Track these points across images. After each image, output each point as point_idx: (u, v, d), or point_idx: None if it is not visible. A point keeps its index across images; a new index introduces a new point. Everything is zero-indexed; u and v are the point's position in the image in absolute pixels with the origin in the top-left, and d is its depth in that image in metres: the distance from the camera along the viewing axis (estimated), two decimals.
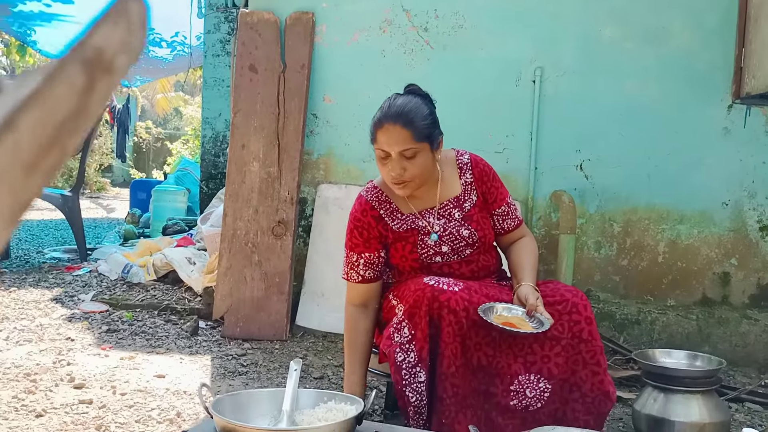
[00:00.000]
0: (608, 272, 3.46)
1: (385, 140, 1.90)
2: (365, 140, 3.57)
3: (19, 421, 2.14)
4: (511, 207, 2.14)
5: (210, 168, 5.90)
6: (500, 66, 3.44)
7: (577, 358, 1.86)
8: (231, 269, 3.41)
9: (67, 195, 5.14)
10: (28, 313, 3.55)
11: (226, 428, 1.35)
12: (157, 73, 10.48)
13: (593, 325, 1.88)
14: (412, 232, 2.02)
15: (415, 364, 1.80)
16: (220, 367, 2.84)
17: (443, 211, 2.05)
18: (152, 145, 20.35)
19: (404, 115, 1.90)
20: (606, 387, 1.87)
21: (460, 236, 2.01)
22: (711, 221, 3.40)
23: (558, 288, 1.97)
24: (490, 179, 2.11)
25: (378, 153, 1.93)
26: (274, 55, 3.52)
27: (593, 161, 3.42)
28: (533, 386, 1.84)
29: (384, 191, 2.07)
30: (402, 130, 1.89)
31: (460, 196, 2.07)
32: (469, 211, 2.06)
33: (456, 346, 1.79)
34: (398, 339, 1.84)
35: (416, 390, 1.79)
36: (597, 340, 1.88)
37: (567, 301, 1.89)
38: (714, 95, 3.36)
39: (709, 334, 3.33)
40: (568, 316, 1.87)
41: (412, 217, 2.04)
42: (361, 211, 2.05)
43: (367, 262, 2.03)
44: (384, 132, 1.90)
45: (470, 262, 2.04)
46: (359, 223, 2.04)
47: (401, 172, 1.91)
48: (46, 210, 9.53)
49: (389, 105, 1.95)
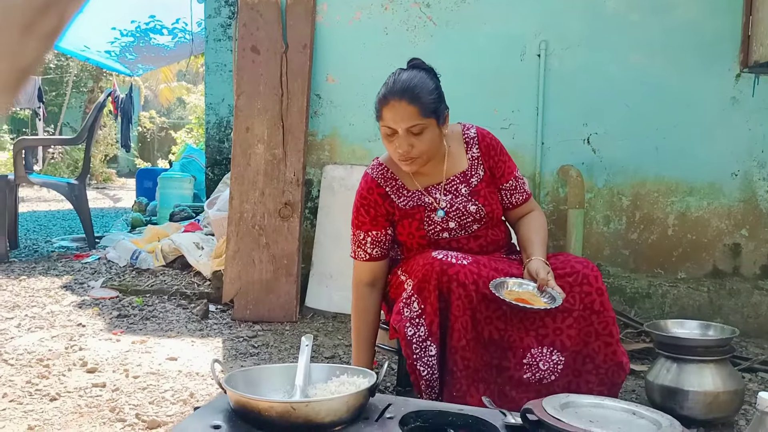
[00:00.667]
0: (618, 246, 3.44)
1: (391, 117, 1.88)
2: (370, 120, 3.55)
3: (33, 404, 2.15)
4: (519, 181, 2.11)
5: (215, 154, 5.88)
6: (504, 41, 3.41)
7: (590, 329, 1.85)
8: (239, 252, 3.41)
9: (74, 183, 5.14)
10: (39, 300, 3.57)
11: (240, 402, 1.34)
12: (159, 61, 10.44)
13: (605, 296, 1.87)
14: (418, 209, 2.01)
15: (425, 338, 1.80)
16: (231, 349, 2.85)
17: (450, 187, 2.03)
18: (156, 135, 20.37)
19: (410, 90, 1.88)
20: (619, 357, 1.86)
21: (467, 212, 2.00)
22: (720, 192, 3.37)
23: (568, 260, 1.95)
24: (497, 153, 2.09)
25: (384, 130, 1.91)
26: (276, 35, 3.50)
27: (600, 135, 3.39)
28: (546, 359, 1.83)
29: (390, 168, 2.06)
30: (408, 106, 1.86)
31: (466, 171, 2.05)
32: (476, 186, 2.04)
33: (466, 319, 1.78)
34: (408, 313, 1.83)
35: (427, 364, 1.79)
36: (609, 310, 1.87)
37: (578, 272, 1.88)
38: (721, 65, 3.31)
39: (721, 305, 3.31)
40: (579, 287, 1.86)
41: (418, 194, 2.02)
42: (367, 189, 2.04)
43: (374, 240, 2.02)
44: (390, 109, 1.87)
45: (478, 237, 2.03)
46: (365, 201, 2.03)
47: (408, 149, 1.89)
48: (53, 201, 9.57)
49: (394, 81, 1.92)
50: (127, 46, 8.95)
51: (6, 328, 3.02)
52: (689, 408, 2.09)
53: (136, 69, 10.78)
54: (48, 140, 10.40)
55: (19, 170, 4.83)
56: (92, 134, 5.21)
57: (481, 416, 1.46)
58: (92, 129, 5.18)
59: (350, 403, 1.36)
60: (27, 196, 10.20)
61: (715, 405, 2.09)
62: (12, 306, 3.43)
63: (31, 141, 8.25)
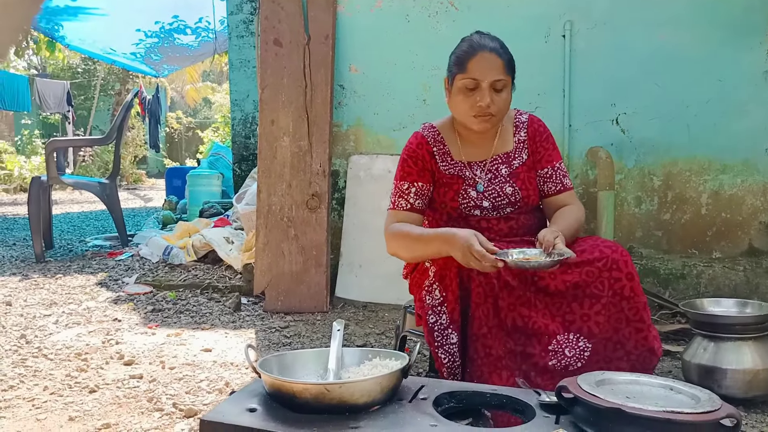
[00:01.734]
0: (650, 227, 3.39)
1: (479, 68, 1.89)
2: (394, 109, 3.57)
3: (73, 397, 2.19)
4: (557, 171, 2.06)
5: (241, 150, 5.92)
6: (528, 23, 3.37)
7: (620, 315, 1.81)
8: (268, 245, 3.44)
9: (105, 183, 5.23)
10: (75, 297, 3.64)
11: (275, 385, 1.35)
12: (184, 61, 10.54)
13: (635, 280, 1.82)
14: (457, 180, 2.01)
15: (446, 326, 1.78)
16: (264, 339, 2.87)
17: (491, 166, 2.03)
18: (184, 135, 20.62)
19: (497, 46, 1.92)
20: (651, 343, 1.82)
21: (503, 193, 1.99)
22: (755, 169, 3.29)
23: (597, 244, 1.90)
24: (542, 139, 2.08)
25: (465, 83, 1.91)
26: (298, 27, 3.50)
27: (629, 114, 3.34)
28: (572, 345, 1.80)
29: (441, 132, 2.07)
30: (497, 59, 1.90)
31: (510, 152, 2.05)
32: (516, 168, 2.04)
33: (487, 307, 1.76)
34: (430, 301, 1.82)
35: (448, 351, 1.77)
36: (639, 295, 1.82)
37: (607, 257, 1.83)
38: (752, 38, 3.23)
39: (758, 284, 3.24)
40: (609, 273, 1.81)
41: (460, 165, 2.03)
42: (416, 143, 2.05)
43: (418, 191, 2.01)
44: (479, 59, 1.89)
45: (509, 219, 2.01)
46: (414, 154, 2.03)
47: (491, 102, 1.90)
48: (86, 203, 9.75)
49: (480, 36, 1.95)
50: (152, 47, 9.07)
51: (44, 325, 3.09)
52: (728, 387, 2.05)
53: (161, 70, 10.91)
54: (78, 141, 10.58)
55: (51, 171, 4.93)
56: (121, 133, 5.28)
57: (514, 396, 1.45)
58: (121, 128, 5.25)
59: (383, 384, 1.36)
60: (60, 199, 10.41)
61: (755, 383, 2.05)
62: (49, 303, 3.51)
63: (62, 142, 8.39)
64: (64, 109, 13.37)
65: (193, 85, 19.54)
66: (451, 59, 1.97)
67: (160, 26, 8.31)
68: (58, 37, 8.52)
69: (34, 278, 4.14)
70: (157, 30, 8.42)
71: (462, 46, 1.95)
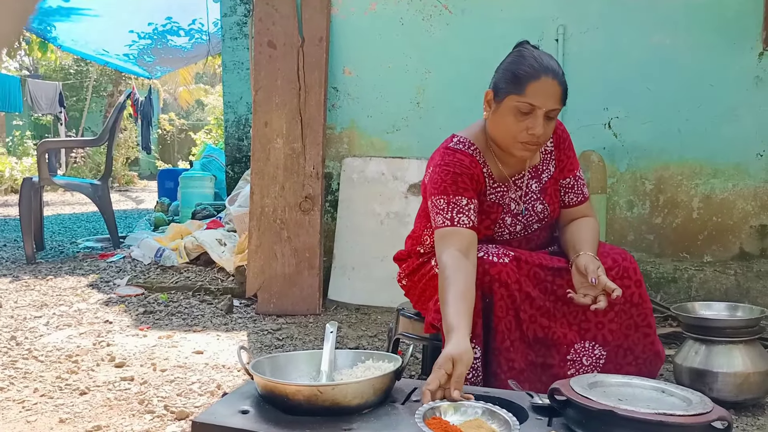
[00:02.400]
0: (642, 231, 3.40)
1: (539, 94, 1.71)
2: (388, 111, 3.57)
3: (64, 398, 2.18)
4: (579, 181, 1.98)
5: (234, 152, 5.92)
6: (521, 26, 3.37)
7: (629, 322, 1.84)
8: (261, 247, 3.43)
9: (97, 184, 5.21)
10: (66, 299, 3.62)
11: (267, 387, 1.35)
12: (177, 62, 10.52)
13: (642, 287, 1.85)
14: (496, 208, 1.89)
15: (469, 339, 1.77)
16: (256, 342, 2.86)
17: (521, 182, 1.92)
18: (176, 137, 20.56)
19: (559, 71, 1.76)
20: (656, 347, 1.86)
21: (534, 212, 1.92)
22: (746, 173, 3.31)
23: (608, 252, 1.89)
24: (566, 146, 1.98)
25: (520, 106, 1.73)
26: (292, 29, 3.50)
27: (621, 118, 3.36)
28: (589, 354, 1.81)
29: (481, 150, 1.89)
30: (557, 87, 1.73)
31: (539, 165, 1.94)
32: (545, 183, 1.94)
33: (509, 320, 1.73)
34: None
35: (472, 366, 1.72)
36: (646, 302, 1.85)
37: (619, 266, 1.84)
38: (744, 43, 3.26)
39: (749, 288, 3.26)
40: (621, 281, 1.81)
41: (501, 189, 1.90)
42: (469, 162, 1.84)
43: (475, 209, 1.81)
44: (541, 85, 1.71)
45: (530, 240, 1.95)
46: (469, 171, 1.83)
47: (542, 132, 1.74)
48: (77, 204, 9.71)
49: (539, 56, 1.76)
50: (145, 48, 9.05)
51: (35, 326, 3.07)
52: (719, 390, 2.06)
53: (154, 71, 10.89)
54: (70, 142, 10.54)
55: (43, 172, 4.90)
56: (113, 135, 5.27)
57: (507, 398, 1.45)
58: (113, 129, 5.24)
59: (376, 385, 1.36)
60: (51, 200, 10.36)
61: (746, 386, 2.05)
62: (40, 305, 3.49)
63: (54, 143, 8.37)
64: (56, 110, 13.31)
65: (186, 86, 19.51)
66: (505, 74, 1.78)
67: (153, 28, 8.29)
68: (51, 38, 8.49)
69: (24, 280, 4.12)
70: (151, 31, 8.40)
71: (521, 64, 1.76)
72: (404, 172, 3.46)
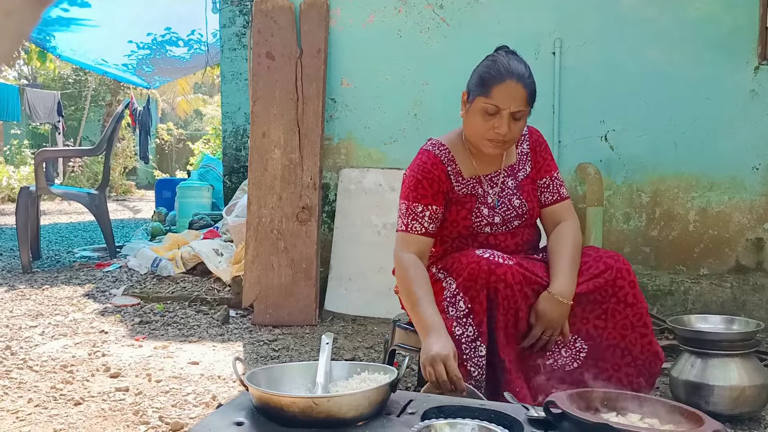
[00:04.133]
0: (638, 243, 3.41)
1: (503, 96, 1.85)
2: (385, 123, 3.58)
3: (58, 409, 2.17)
4: (554, 182, 2.08)
5: (232, 162, 5.93)
6: (519, 39, 3.37)
7: (625, 322, 1.87)
8: (258, 257, 3.43)
9: (94, 193, 5.20)
10: (62, 309, 3.61)
11: (262, 399, 1.35)
12: (176, 72, 10.56)
13: (636, 288, 1.90)
14: (470, 198, 1.98)
15: (475, 338, 1.79)
16: (252, 353, 2.86)
17: (497, 179, 2.02)
18: (174, 147, 20.56)
19: (525, 74, 1.88)
20: (655, 347, 1.89)
21: (511, 206, 2.00)
22: (742, 187, 3.32)
23: (600, 255, 1.95)
24: (542, 149, 2.09)
25: (486, 107, 1.87)
26: (290, 41, 3.52)
27: (618, 131, 3.37)
28: (569, 345, 1.86)
29: (451, 150, 2.01)
30: (522, 90, 1.86)
31: (514, 164, 2.05)
32: (521, 181, 2.04)
33: (508, 318, 1.81)
34: (453, 312, 1.82)
35: (477, 364, 1.79)
36: (641, 302, 1.90)
37: (611, 268, 1.89)
38: (739, 58, 3.28)
39: (745, 301, 3.27)
40: (613, 282, 1.88)
41: (472, 182, 2.00)
42: (431, 163, 1.98)
43: (432, 215, 1.95)
44: (505, 87, 1.85)
45: (515, 235, 2.02)
46: (429, 174, 1.96)
47: (507, 131, 1.87)
48: (74, 213, 9.69)
49: (507, 61, 1.89)
50: (144, 58, 9.08)
51: (30, 336, 3.06)
52: (714, 403, 2.06)
53: (153, 81, 10.92)
54: (68, 151, 10.54)
55: (40, 181, 4.90)
56: (111, 145, 5.27)
57: (503, 411, 1.45)
58: (111, 139, 5.24)
59: (372, 398, 1.35)
60: (48, 210, 10.34)
61: (742, 399, 2.06)
62: (35, 314, 3.48)
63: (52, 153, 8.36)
64: (54, 119, 13.32)
65: (185, 97, 19.54)
66: (475, 77, 1.92)
67: (152, 38, 8.33)
68: (50, 48, 8.51)
69: (20, 289, 4.10)
70: (150, 42, 8.44)
71: (489, 68, 1.89)
72: (401, 183, 3.47)
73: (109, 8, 7.38)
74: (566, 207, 2.07)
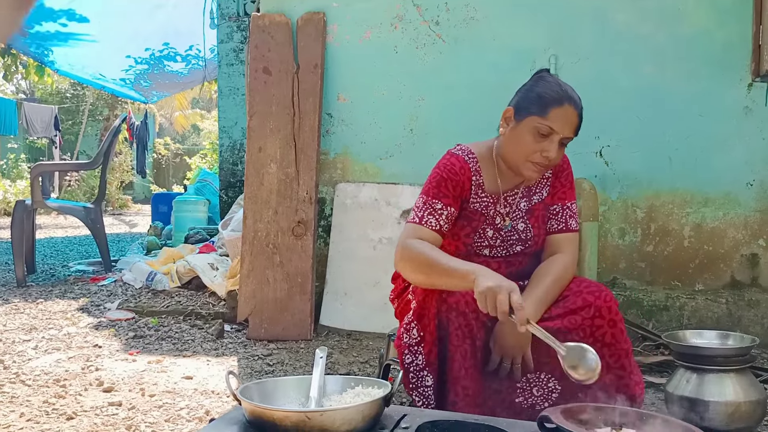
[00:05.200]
0: (633, 259, 3.41)
1: (560, 120, 1.78)
2: (381, 138, 3.59)
3: (50, 424, 2.15)
4: (566, 211, 1.98)
5: (228, 177, 5.94)
6: (514, 56, 3.42)
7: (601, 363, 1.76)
8: (253, 271, 3.42)
9: (90, 207, 5.20)
10: (56, 322, 3.59)
11: (255, 413, 1.34)
12: (173, 87, 10.59)
13: (617, 327, 1.79)
14: (478, 216, 1.91)
15: (422, 367, 1.75)
16: (246, 367, 2.84)
17: (512, 199, 1.94)
18: (171, 161, 20.58)
19: (580, 102, 1.83)
20: (632, 390, 1.79)
21: (515, 229, 1.92)
22: (736, 202, 3.34)
23: (581, 290, 1.85)
24: (564, 176, 2.00)
25: (540, 127, 1.78)
26: (287, 56, 3.54)
27: (612, 147, 3.39)
28: (542, 385, 1.78)
29: (479, 161, 1.93)
30: (576, 118, 1.81)
31: (532, 187, 1.96)
32: (534, 204, 1.96)
33: (465, 348, 1.72)
34: (407, 340, 1.79)
35: (423, 394, 1.74)
36: (621, 342, 1.79)
37: (590, 305, 1.79)
38: (733, 74, 3.31)
39: (740, 317, 3.27)
40: (591, 320, 1.79)
41: (488, 200, 1.92)
42: (459, 167, 1.90)
43: (449, 216, 1.87)
44: (563, 111, 1.78)
45: (511, 264, 1.93)
46: (455, 177, 1.89)
47: (555, 156, 1.80)
48: (70, 227, 9.67)
49: (564, 85, 1.84)
50: (142, 73, 9.11)
51: (23, 350, 3.04)
52: (710, 419, 2.05)
53: (150, 96, 10.95)
54: (64, 165, 10.54)
55: (36, 195, 4.90)
56: (108, 159, 5.27)
57: (497, 426, 1.44)
58: (108, 153, 5.25)
59: (365, 412, 1.35)
60: (44, 223, 10.32)
61: (737, 415, 2.05)
62: (29, 328, 3.46)
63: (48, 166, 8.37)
64: (51, 133, 13.34)
65: (182, 111, 19.57)
66: (529, 96, 1.83)
67: (150, 53, 8.36)
68: (48, 62, 8.54)
69: (14, 303, 4.09)
70: (147, 57, 8.47)
71: (547, 88, 1.82)
72: (397, 197, 3.48)
73: (108, 23, 7.42)
74: (568, 239, 1.96)
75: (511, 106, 1.88)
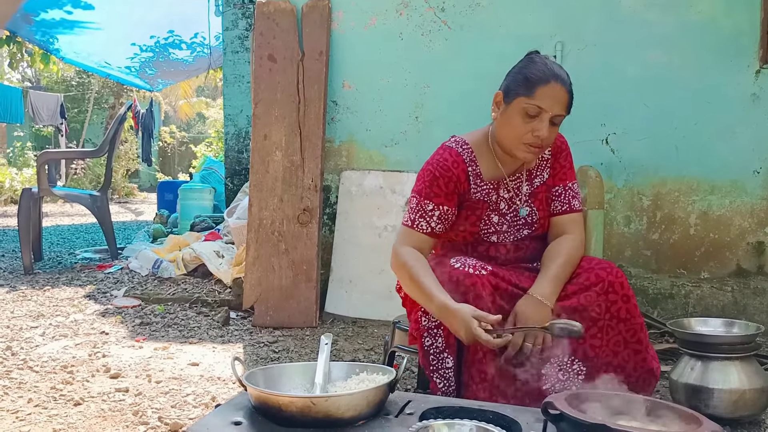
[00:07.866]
0: (639, 247, 3.41)
1: (548, 98, 1.77)
2: (386, 125, 3.59)
3: (58, 409, 2.17)
4: (568, 192, 1.99)
5: (234, 164, 5.94)
6: (520, 42, 3.39)
7: (618, 338, 1.80)
8: (259, 259, 3.43)
9: (96, 195, 5.21)
10: (63, 309, 3.62)
11: (260, 398, 1.35)
12: (179, 75, 10.58)
13: (631, 302, 1.82)
14: (482, 205, 1.92)
15: (442, 349, 1.77)
16: (252, 354, 2.86)
17: (513, 184, 1.95)
18: (177, 149, 20.60)
19: (567, 79, 1.82)
20: (649, 364, 1.82)
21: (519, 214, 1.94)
22: (743, 190, 3.32)
23: (592, 267, 1.87)
24: (563, 157, 2.01)
25: (528, 108, 1.79)
26: (292, 43, 3.53)
27: (619, 134, 3.37)
28: (566, 368, 1.79)
29: (474, 150, 1.94)
30: (565, 94, 1.80)
31: (533, 170, 1.97)
32: (537, 187, 1.97)
33: None
34: (426, 323, 1.80)
35: (443, 375, 1.76)
36: (636, 317, 1.82)
37: (603, 281, 1.82)
38: (741, 61, 3.28)
39: (746, 305, 3.26)
40: (605, 296, 1.80)
41: (489, 186, 1.93)
42: (452, 161, 1.91)
43: (442, 215, 1.89)
44: (550, 89, 1.78)
45: (519, 248, 1.95)
46: (448, 173, 1.89)
47: (547, 135, 1.80)
48: (76, 215, 9.71)
49: (550, 63, 1.82)
50: (147, 61, 9.10)
51: (31, 337, 3.07)
52: (714, 406, 2.05)
53: (155, 84, 10.94)
54: (70, 153, 10.56)
55: (42, 183, 4.91)
56: (114, 146, 5.28)
57: (501, 412, 1.45)
58: (113, 141, 5.25)
59: (370, 398, 1.35)
60: (51, 211, 10.37)
61: (741, 403, 2.05)
62: (36, 315, 3.48)
63: (54, 154, 8.38)
64: (57, 121, 13.35)
65: (187, 99, 19.57)
66: (517, 77, 1.84)
67: (155, 41, 8.35)
68: (53, 50, 8.54)
69: (21, 290, 4.11)
70: (153, 44, 8.46)
71: (533, 68, 1.81)
72: (402, 185, 3.47)
73: (113, 11, 7.41)
74: (574, 220, 1.97)
75: (501, 89, 1.90)
